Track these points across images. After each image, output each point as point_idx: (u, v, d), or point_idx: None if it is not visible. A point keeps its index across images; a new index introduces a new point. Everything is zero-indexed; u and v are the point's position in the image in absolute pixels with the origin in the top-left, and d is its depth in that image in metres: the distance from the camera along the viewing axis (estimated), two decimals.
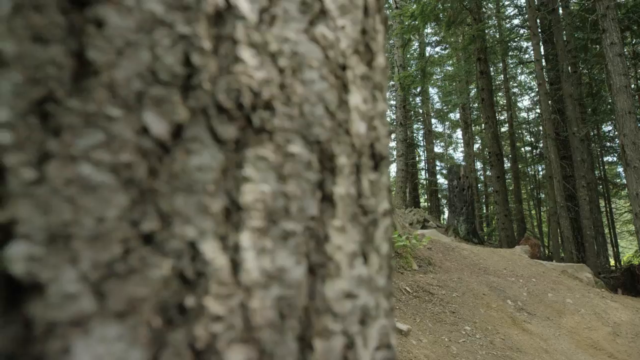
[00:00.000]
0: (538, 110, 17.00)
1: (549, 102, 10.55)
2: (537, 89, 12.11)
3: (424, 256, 5.51)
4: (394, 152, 18.51)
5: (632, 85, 13.58)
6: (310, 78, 0.35)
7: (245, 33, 0.32)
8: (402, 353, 3.36)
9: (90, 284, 0.25)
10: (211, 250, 0.28)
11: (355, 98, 0.38)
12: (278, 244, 0.31)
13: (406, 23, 12.46)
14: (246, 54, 0.32)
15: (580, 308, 4.90)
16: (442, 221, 16.44)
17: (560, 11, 11.97)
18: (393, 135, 21.75)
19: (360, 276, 0.36)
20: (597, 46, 11.21)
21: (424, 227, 12.17)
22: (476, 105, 18.95)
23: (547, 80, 12.45)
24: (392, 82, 20.29)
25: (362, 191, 0.38)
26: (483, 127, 15.00)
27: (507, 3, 16.72)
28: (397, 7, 15.10)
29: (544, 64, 12.08)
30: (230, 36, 0.31)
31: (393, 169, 20.45)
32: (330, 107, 0.35)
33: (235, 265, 0.29)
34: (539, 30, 10.93)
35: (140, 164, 0.27)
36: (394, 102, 19.19)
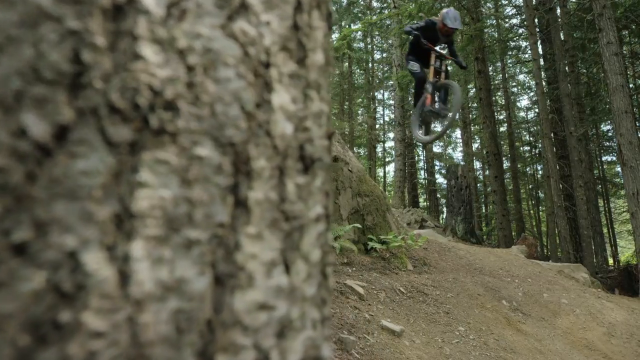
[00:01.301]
0: (537, 110, 16.97)
1: (547, 101, 10.53)
2: (535, 89, 12.08)
3: (420, 256, 5.50)
4: (393, 152, 18.47)
5: (631, 85, 13.57)
6: (225, 76, 0.33)
7: (148, 28, 0.30)
8: (394, 354, 3.34)
9: None
10: (94, 261, 0.26)
11: (281, 97, 0.37)
12: (179, 254, 0.29)
13: (404, 22, 12.44)
14: (148, 51, 0.30)
15: (576, 308, 4.88)
16: (441, 221, 16.43)
17: (559, 11, 11.94)
18: (392, 135, 21.71)
19: (278, 286, 0.34)
20: (595, 45, 11.18)
21: (421, 227, 12.16)
22: (475, 105, 18.93)
23: (545, 79, 12.43)
24: (390, 82, 20.27)
25: (286, 196, 0.36)
26: (481, 127, 14.97)
27: (505, 2, 16.71)
28: (395, 7, 15.08)
29: (542, 63, 12.06)
30: (130, 32, 0.29)
31: (391, 168, 20.40)
32: (247, 106, 0.34)
33: (124, 277, 0.27)
34: (537, 30, 10.91)
35: (15, 168, 0.25)
36: (393, 102, 19.18)
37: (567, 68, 10.59)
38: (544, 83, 11.47)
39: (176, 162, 0.30)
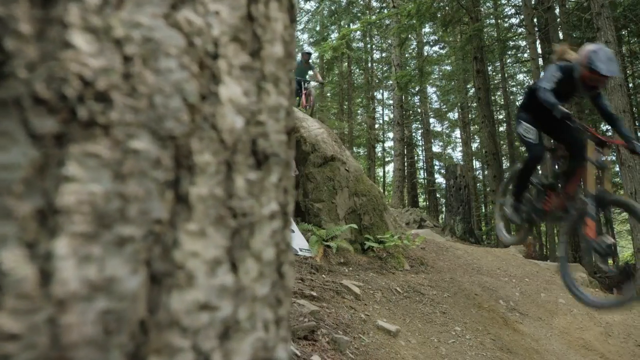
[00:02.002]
0: None
1: None
2: None
3: (417, 256, 5.48)
4: (392, 152, 18.45)
5: (630, 85, 13.54)
6: (167, 67, 0.32)
7: (81, 16, 0.29)
8: (390, 354, 3.33)
9: None
10: (12, 259, 0.25)
11: (230, 90, 0.35)
12: (109, 251, 0.28)
13: (403, 22, 12.43)
14: (79, 40, 0.28)
15: (573, 308, 4.86)
16: (440, 221, 16.41)
17: (558, 10, 11.93)
18: (391, 135, 21.70)
19: (223, 285, 0.32)
20: None
21: (420, 226, 12.14)
22: (475, 104, 18.92)
23: None
24: (390, 82, 20.26)
25: (234, 191, 0.34)
26: (480, 127, 14.95)
27: (504, 2, 16.69)
28: (394, 6, 15.07)
29: (541, 62, 12.04)
30: (60, 19, 0.28)
31: (391, 168, 20.39)
32: (190, 99, 0.32)
33: (46, 276, 0.25)
34: (536, 29, 10.89)
35: None
36: (392, 102, 19.17)
37: None
38: None
39: (108, 155, 0.28)
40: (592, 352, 4.21)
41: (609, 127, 4.17)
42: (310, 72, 7.83)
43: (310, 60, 7.94)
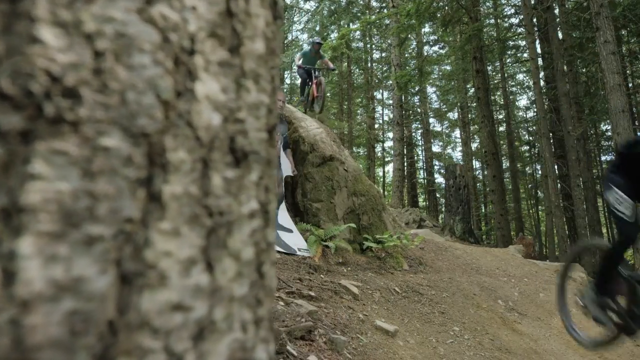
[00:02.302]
0: (536, 109, 16.94)
1: (545, 100, 10.50)
2: (533, 88, 12.06)
3: (416, 256, 5.48)
4: (392, 152, 18.43)
5: (630, 84, 13.54)
6: (140, 63, 0.31)
7: (49, 10, 0.28)
8: (387, 354, 3.32)
9: None
10: None
11: (207, 86, 0.35)
12: (77, 251, 0.27)
13: (403, 22, 12.42)
14: (47, 34, 0.28)
15: (572, 308, 4.85)
16: (440, 221, 16.41)
17: (558, 10, 11.92)
18: (391, 135, 21.69)
19: (197, 285, 0.32)
20: (593, 45, 11.16)
21: (420, 226, 12.14)
22: (474, 104, 18.91)
23: (543, 79, 12.41)
24: (389, 82, 20.25)
25: (211, 190, 0.34)
26: (479, 126, 14.95)
27: (504, 2, 16.68)
28: (393, 6, 15.06)
29: (540, 62, 12.04)
30: (28, 13, 0.28)
31: (391, 168, 20.38)
32: (164, 95, 0.32)
33: (9, 276, 0.25)
34: (535, 29, 10.89)
35: None
36: (392, 102, 19.16)
37: (565, 67, 10.56)
38: (541, 82, 11.45)
39: (77, 152, 0.28)
40: (591, 352, 4.20)
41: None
42: (319, 62, 7.71)
43: (321, 50, 7.83)
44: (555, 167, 10.28)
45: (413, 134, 22.35)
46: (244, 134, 0.38)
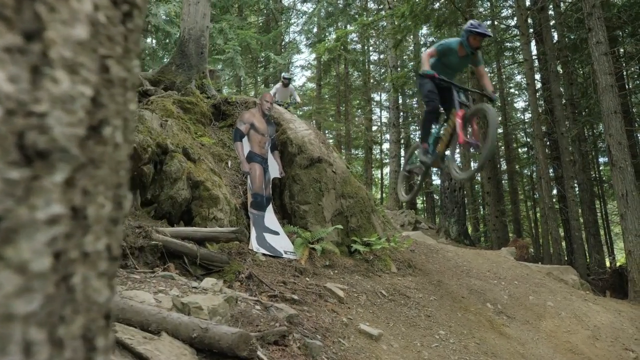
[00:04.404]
0: None
1: (540, 102, 10.47)
2: (528, 89, 12.03)
3: (405, 259, 5.43)
4: (388, 154, 18.38)
5: (627, 86, 13.50)
6: None
7: None
8: (370, 358, 3.28)
9: None
10: None
11: None
12: None
13: (398, 23, 12.40)
14: None
15: (561, 311, 4.81)
16: (437, 223, 16.36)
17: (552, 11, 11.89)
18: (387, 136, 21.63)
19: None
20: (587, 46, 11.13)
21: (415, 228, 12.10)
22: None
23: (539, 80, 12.38)
24: (387, 84, 20.22)
25: None
26: None
27: (502, 4, 16.66)
28: (389, 8, 15.04)
29: (536, 63, 12.01)
30: None
31: (387, 170, 20.34)
32: None
33: None
34: (530, 30, 10.86)
35: None
36: (388, 104, 19.14)
37: (559, 68, 10.53)
38: (536, 83, 11.43)
39: None
40: (579, 356, 4.16)
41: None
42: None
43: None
44: (550, 169, 10.23)
45: (410, 135, 22.32)
46: (43, 129, 0.33)
